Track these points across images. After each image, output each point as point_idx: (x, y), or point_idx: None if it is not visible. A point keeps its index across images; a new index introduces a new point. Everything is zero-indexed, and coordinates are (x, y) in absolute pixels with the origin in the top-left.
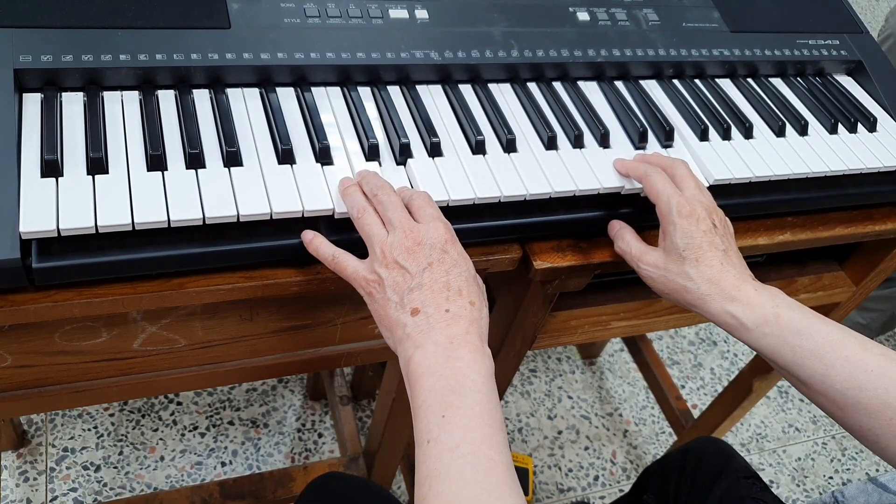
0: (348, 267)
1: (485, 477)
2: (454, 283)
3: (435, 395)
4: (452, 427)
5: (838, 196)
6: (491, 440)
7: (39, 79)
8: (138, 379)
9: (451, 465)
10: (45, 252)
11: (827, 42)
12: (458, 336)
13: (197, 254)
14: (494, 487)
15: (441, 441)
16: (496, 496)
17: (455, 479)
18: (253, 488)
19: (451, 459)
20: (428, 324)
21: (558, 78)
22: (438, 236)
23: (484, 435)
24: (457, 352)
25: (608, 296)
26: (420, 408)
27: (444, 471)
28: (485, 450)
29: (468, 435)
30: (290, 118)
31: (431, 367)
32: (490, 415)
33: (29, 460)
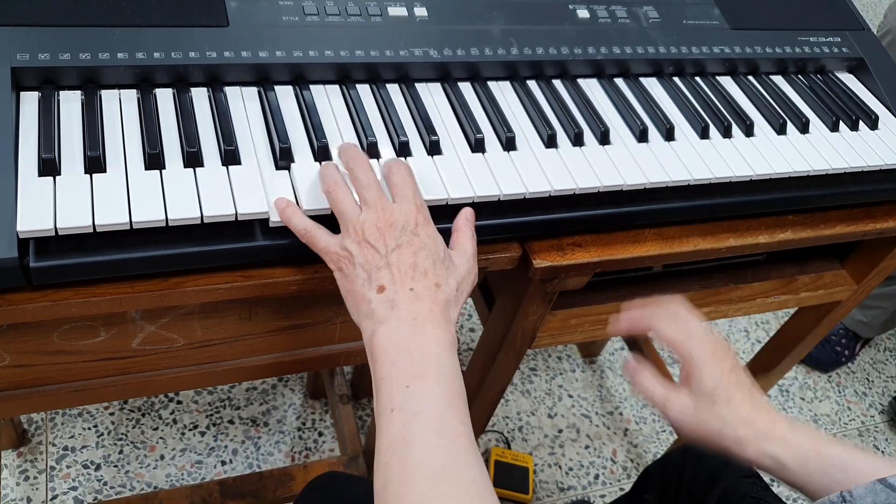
0: (320, 241)
1: (449, 443)
2: (421, 265)
3: (398, 367)
4: (417, 396)
5: (839, 194)
6: (454, 409)
7: (37, 77)
8: (137, 378)
9: (415, 431)
10: (42, 251)
11: (828, 39)
12: (422, 314)
13: (195, 253)
14: (459, 453)
15: (405, 409)
16: (461, 462)
17: (419, 444)
18: (253, 487)
19: (415, 425)
20: (394, 300)
21: (558, 76)
22: (410, 218)
23: (448, 404)
24: (421, 328)
25: (608, 294)
26: (383, 380)
27: (409, 437)
28: (448, 418)
29: (432, 403)
30: (288, 117)
31: (395, 341)
32: (453, 386)
33: (29, 459)
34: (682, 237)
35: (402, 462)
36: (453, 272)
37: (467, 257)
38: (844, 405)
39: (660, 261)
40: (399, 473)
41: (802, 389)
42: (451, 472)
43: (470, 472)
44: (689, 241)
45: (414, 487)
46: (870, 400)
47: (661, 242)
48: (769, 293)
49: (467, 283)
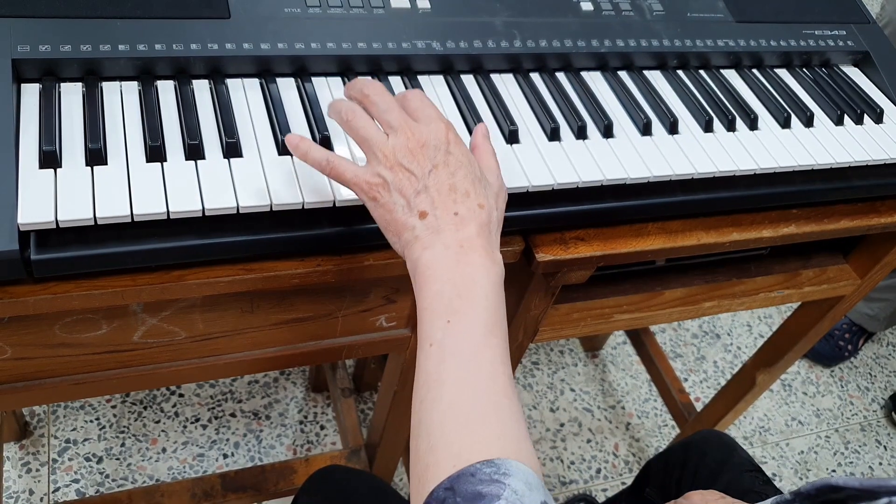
0: (346, 171)
1: (486, 386)
2: (461, 185)
3: (442, 299)
4: (456, 333)
5: (844, 188)
6: (494, 350)
7: (38, 69)
8: (139, 371)
9: (451, 371)
10: (43, 244)
11: (833, 32)
12: (469, 240)
13: (196, 246)
14: (495, 396)
15: (444, 345)
16: (495, 404)
17: (454, 384)
18: (254, 480)
19: (452, 364)
20: (438, 226)
21: (561, 68)
22: (441, 136)
23: (488, 344)
24: (467, 256)
25: (611, 288)
26: (426, 311)
27: (444, 375)
28: (486, 358)
29: (472, 343)
30: (290, 109)
31: (440, 271)
32: (495, 325)
33: (31, 452)
34: (686, 231)
35: (435, 401)
36: (490, 190)
37: (496, 174)
38: (847, 400)
39: (663, 255)
40: (432, 413)
41: (805, 384)
42: (485, 416)
43: (505, 416)
44: (692, 235)
45: (445, 431)
46: (872, 395)
47: (665, 236)
48: (773, 287)
49: (502, 199)
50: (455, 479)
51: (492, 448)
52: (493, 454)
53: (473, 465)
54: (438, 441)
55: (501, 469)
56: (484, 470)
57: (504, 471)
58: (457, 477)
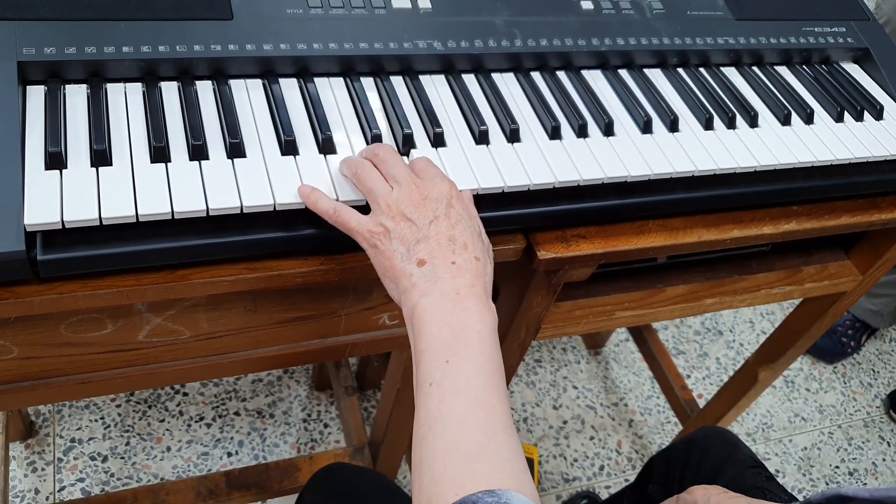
0: (351, 220)
1: (486, 422)
2: (459, 238)
3: (439, 341)
4: (455, 373)
5: (844, 185)
6: (493, 389)
7: (43, 71)
8: (144, 370)
9: (452, 408)
10: (49, 244)
11: (833, 29)
12: (465, 287)
13: (201, 245)
14: (495, 433)
15: (444, 385)
16: (496, 441)
17: (456, 421)
18: (258, 479)
19: (453, 402)
20: (435, 274)
21: (562, 67)
22: (444, 191)
23: (487, 383)
24: (463, 302)
25: (613, 285)
26: (423, 353)
27: (446, 412)
28: (487, 397)
29: (471, 381)
30: (293, 109)
31: (437, 315)
32: (493, 365)
33: (37, 451)
34: (687, 228)
35: (436, 438)
36: (489, 248)
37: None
38: (850, 396)
39: (664, 252)
40: (434, 450)
41: (808, 380)
42: (486, 450)
43: (505, 451)
44: (693, 233)
45: (448, 465)
46: (875, 391)
47: (666, 234)
48: (774, 284)
49: (491, 258)
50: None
51: (493, 479)
52: (495, 485)
53: (475, 495)
54: (441, 474)
55: (503, 499)
56: (486, 499)
57: (505, 501)
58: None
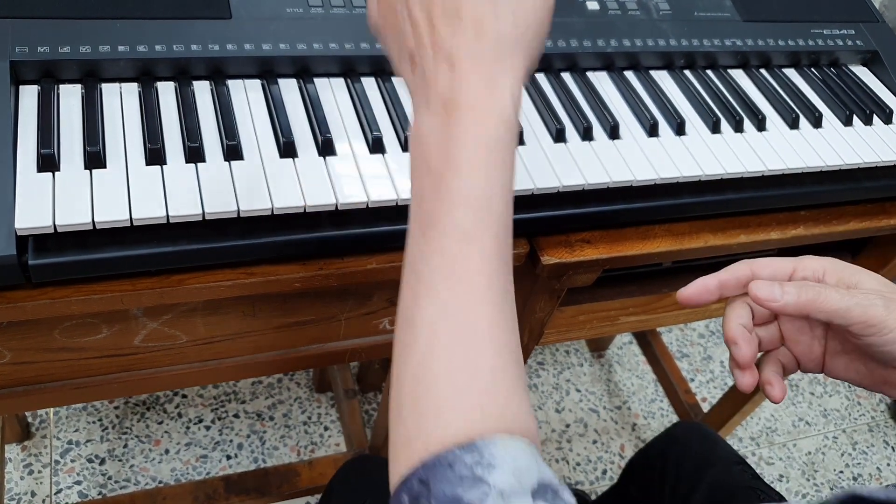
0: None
1: (468, 340)
2: (448, 2)
3: (419, 194)
4: (431, 254)
5: (853, 189)
6: (486, 275)
7: (36, 71)
8: (140, 375)
9: (425, 311)
10: (41, 248)
11: (842, 32)
12: (459, 91)
13: (197, 250)
14: (481, 344)
15: (418, 272)
16: (479, 361)
17: (429, 332)
18: (258, 483)
19: (426, 302)
20: (424, 77)
21: (567, 68)
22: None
23: (478, 268)
24: (457, 120)
25: (617, 290)
26: (410, 204)
27: (418, 316)
28: (473, 295)
29: (451, 270)
30: (292, 110)
31: (424, 147)
32: (487, 229)
33: (33, 453)
34: (693, 233)
35: (408, 351)
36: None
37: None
38: (854, 400)
39: (670, 257)
40: (405, 366)
41: (812, 384)
42: (469, 375)
43: (492, 373)
44: (699, 238)
45: (420, 393)
46: (880, 395)
47: (672, 239)
48: None
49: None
50: (430, 470)
51: (473, 421)
52: (475, 430)
53: (452, 452)
54: (410, 411)
55: (485, 457)
56: (464, 459)
57: (488, 460)
58: (432, 466)
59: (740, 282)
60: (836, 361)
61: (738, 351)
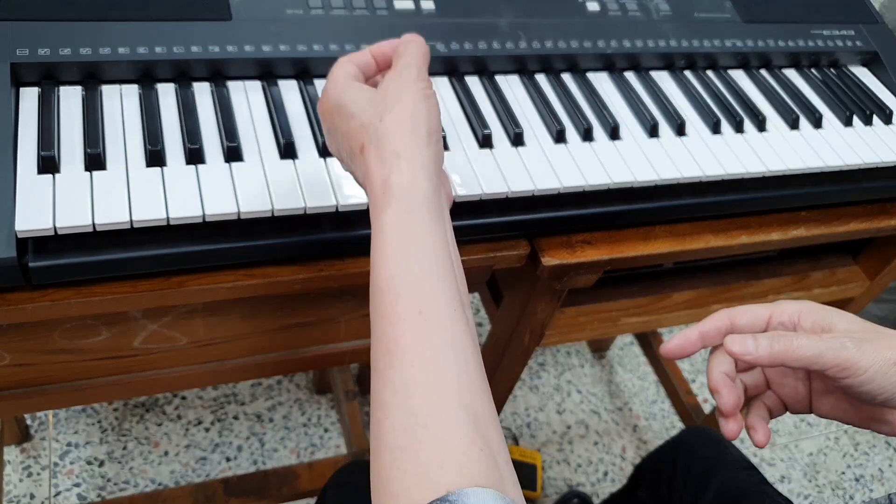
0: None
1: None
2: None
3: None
4: (376, 344)
5: (853, 190)
6: (422, 361)
7: (37, 73)
8: (140, 377)
9: (378, 399)
10: (41, 251)
11: (842, 32)
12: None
13: (197, 252)
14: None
15: (374, 362)
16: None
17: (386, 420)
18: (257, 486)
19: (379, 394)
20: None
21: (567, 69)
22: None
23: (406, 362)
24: (380, 227)
25: (619, 291)
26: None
27: (376, 405)
28: (415, 379)
29: (389, 363)
30: (292, 112)
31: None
32: (409, 312)
33: (32, 455)
34: (694, 234)
35: (375, 430)
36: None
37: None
38: None
39: (671, 258)
40: (377, 440)
41: None
42: (432, 429)
43: (446, 434)
44: (700, 239)
45: (386, 456)
46: None
47: (673, 240)
48: (781, 290)
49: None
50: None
51: (446, 476)
52: (448, 485)
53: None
54: (383, 476)
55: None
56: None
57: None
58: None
59: (720, 331)
60: (823, 402)
61: (721, 399)
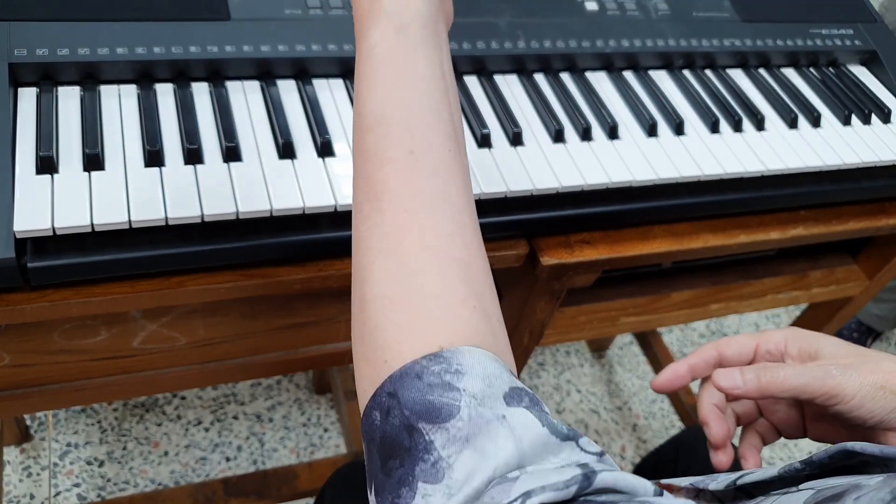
0: None
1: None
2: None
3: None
4: (359, 185)
5: (852, 189)
6: (411, 204)
7: (35, 73)
8: (139, 377)
9: (360, 241)
10: (40, 251)
11: (840, 31)
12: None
13: (196, 252)
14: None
15: (356, 203)
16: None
17: (370, 266)
18: (257, 486)
19: (362, 236)
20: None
21: (566, 69)
22: None
23: (395, 204)
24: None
25: (618, 290)
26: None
27: (360, 248)
28: (404, 225)
29: (376, 206)
30: (291, 112)
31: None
32: (397, 152)
33: (32, 455)
34: (693, 234)
35: (358, 277)
36: None
37: None
38: None
39: (670, 258)
40: (360, 290)
41: None
42: (422, 286)
43: (451, 269)
44: (699, 238)
45: (377, 311)
46: None
47: (671, 239)
48: (780, 289)
49: None
50: (398, 382)
51: (438, 332)
52: (440, 341)
53: (418, 363)
54: (371, 330)
55: (453, 365)
56: (432, 368)
57: (456, 368)
58: (399, 378)
59: (708, 363)
60: (817, 426)
61: (710, 431)
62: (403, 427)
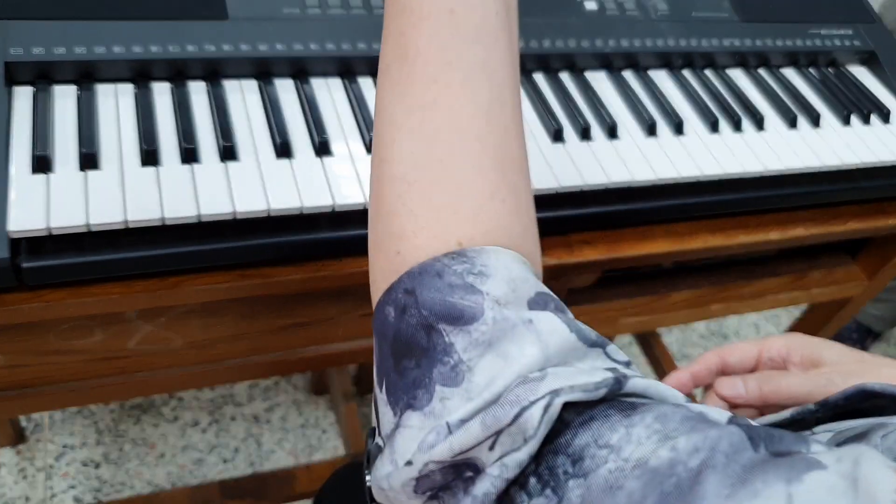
0: None
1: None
2: None
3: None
4: (389, 44)
5: (851, 189)
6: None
7: (31, 72)
8: (136, 378)
9: (384, 110)
10: (35, 251)
11: (840, 32)
12: None
13: (192, 252)
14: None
15: (382, 67)
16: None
17: (397, 140)
18: (254, 488)
19: (387, 103)
20: None
21: (565, 69)
22: None
23: (428, 72)
24: None
25: (617, 290)
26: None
27: (385, 119)
28: (438, 100)
29: (405, 70)
30: (288, 112)
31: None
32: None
33: (28, 457)
34: (693, 234)
35: (379, 154)
36: None
37: None
38: None
39: (669, 258)
40: (381, 168)
41: None
42: (457, 170)
43: (485, 162)
44: (699, 238)
45: (398, 192)
46: None
47: (671, 239)
48: (780, 289)
49: None
50: (416, 279)
51: (460, 226)
52: (461, 237)
53: (439, 260)
54: (388, 215)
55: (476, 266)
56: (453, 267)
57: (480, 269)
58: (418, 275)
59: (711, 371)
60: None
61: None
62: (421, 326)
